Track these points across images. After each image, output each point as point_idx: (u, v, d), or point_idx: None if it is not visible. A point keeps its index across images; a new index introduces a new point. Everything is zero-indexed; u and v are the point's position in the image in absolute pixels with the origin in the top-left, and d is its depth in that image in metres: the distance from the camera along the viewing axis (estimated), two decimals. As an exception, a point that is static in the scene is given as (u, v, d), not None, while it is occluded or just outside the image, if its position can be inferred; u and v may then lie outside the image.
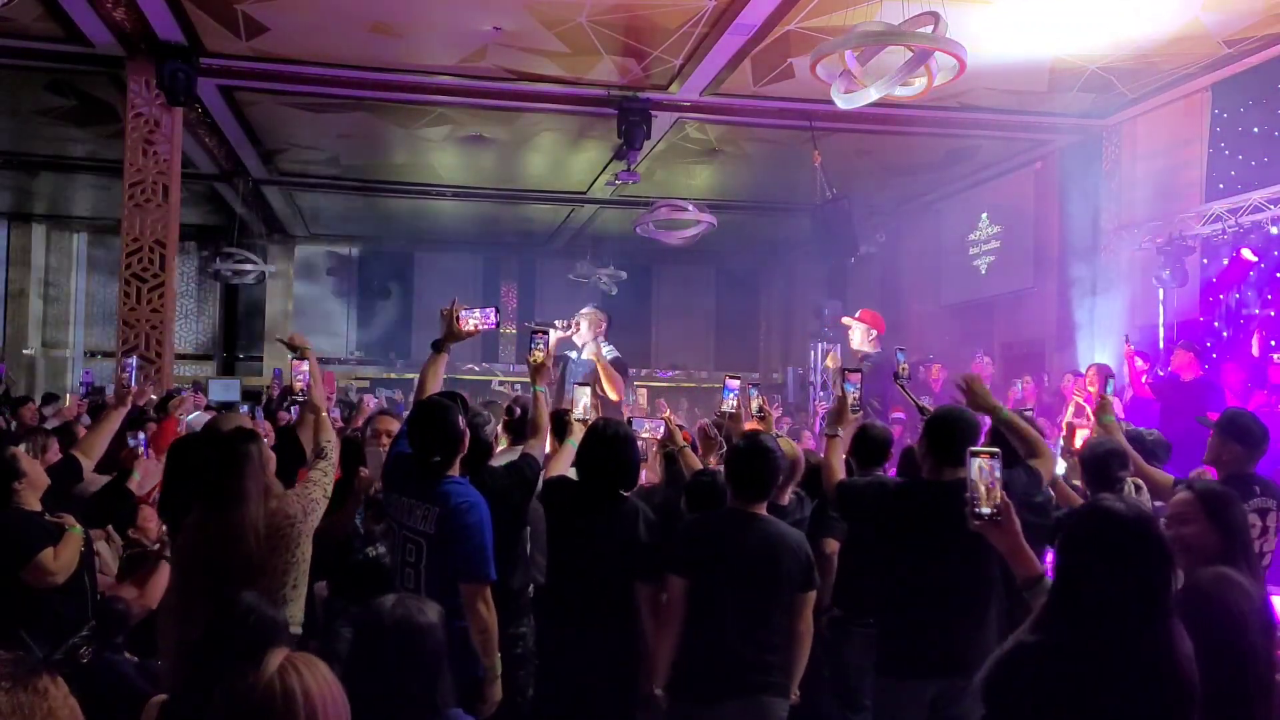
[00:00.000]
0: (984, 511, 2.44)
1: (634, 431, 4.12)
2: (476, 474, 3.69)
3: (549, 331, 4.19)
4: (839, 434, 3.95)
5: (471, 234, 16.62)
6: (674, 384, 17.28)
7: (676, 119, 10.09)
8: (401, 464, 3.55)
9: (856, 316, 8.52)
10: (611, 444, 3.75)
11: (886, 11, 6.79)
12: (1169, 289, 9.02)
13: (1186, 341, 7.74)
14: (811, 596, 3.52)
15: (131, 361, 4.77)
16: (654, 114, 9.56)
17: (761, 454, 3.52)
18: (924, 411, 4.18)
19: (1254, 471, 4.05)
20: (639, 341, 17.30)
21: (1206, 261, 8.76)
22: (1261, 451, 4.06)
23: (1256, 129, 8.36)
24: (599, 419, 4.23)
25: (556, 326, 7.01)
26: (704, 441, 4.46)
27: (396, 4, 7.62)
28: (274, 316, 17.04)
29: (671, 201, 11.44)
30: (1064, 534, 2.20)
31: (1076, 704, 1.99)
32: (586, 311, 7.25)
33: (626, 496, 3.81)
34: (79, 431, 5.70)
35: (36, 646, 3.62)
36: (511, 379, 16.10)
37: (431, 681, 2.30)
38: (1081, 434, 4.83)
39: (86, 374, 7.98)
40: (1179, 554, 2.32)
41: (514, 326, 17.28)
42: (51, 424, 7.67)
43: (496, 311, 4.08)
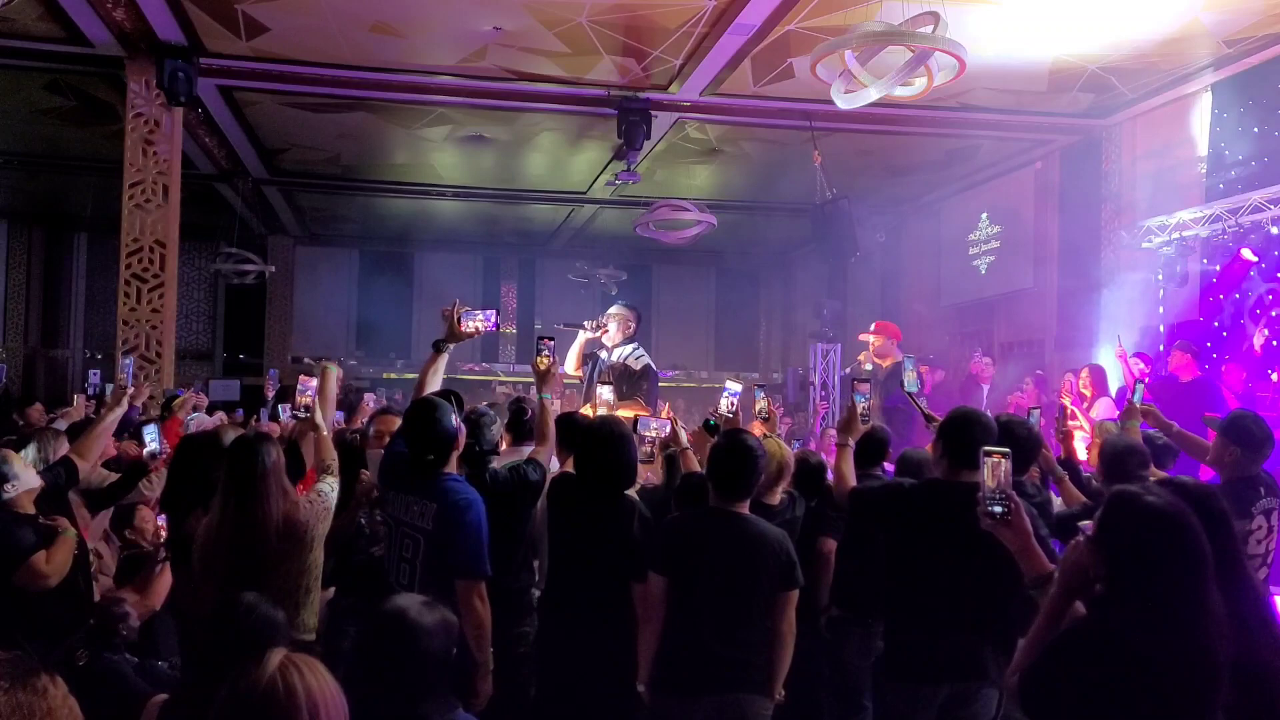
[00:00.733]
0: (995, 510, 2.46)
1: (639, 431, 4.12)
2: (479, 472, 3.69)
3: (553, 337, 4.16)
4: (850, 444, 3.89)
5: (471, 234, 16.59)
6: (674, 384, 17.27)
7: (676, 119, 10.08)
8: (398, 462, 3.56)
9: (873, 329, 8.48)
10: (610, 443, 3.75)
11: (886, 11, 6.79)
12: (1169, 289, 9.01)
13: (1184, 342, 7.71)
14: (794, 596, 3.47)
15: (128, 362, 4.78)
16: (654, 114, 9.55)
17: (742, 453, 3.50)
18: (931, 420, 4.16)
19: (1260, 471, 4.04)
20: (639, 341, 17.22)
21: (1206, 261, 8.74)
22: (1264, 454, 4.05)
23: (1256, 129, 8.35)
24: (598, 418, 4.23)
25: (585, 327, 6.94)
26: (699, 443, 4.46)
27: (396, 4, 7.61)
28: (274, 316, 17.05)
29: (671, 201, 11.44)
30: (1110, 530, 2.18)
31: (1123, 691, 2.02)
32: (615, 311, 7.05)
33: (625, 495, 3.80)
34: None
35: (31, 650, 3.60)
36: (512, 379, 16.12)
37: (435, 681, 2.31)
38: (1080, 435, 4.83)
39: (94, 374, 7.95)
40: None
41: (514, 327, 17.27)
42: (60, 425, 7.63)
43: (498, 313, 4.09)
